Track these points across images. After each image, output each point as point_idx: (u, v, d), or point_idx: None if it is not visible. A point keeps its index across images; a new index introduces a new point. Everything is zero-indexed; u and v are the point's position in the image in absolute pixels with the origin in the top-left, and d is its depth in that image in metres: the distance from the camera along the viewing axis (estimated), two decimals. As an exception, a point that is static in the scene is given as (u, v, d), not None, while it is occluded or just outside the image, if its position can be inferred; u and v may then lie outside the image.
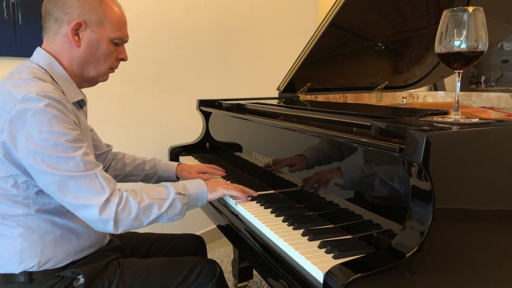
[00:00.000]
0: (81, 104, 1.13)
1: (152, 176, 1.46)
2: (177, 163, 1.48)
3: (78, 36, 1.04)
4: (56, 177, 0.91)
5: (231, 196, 1.20)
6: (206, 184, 1.15)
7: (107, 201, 0.94)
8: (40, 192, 0.99)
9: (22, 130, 0.90)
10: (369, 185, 0.91)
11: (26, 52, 1.04)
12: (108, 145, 1.41)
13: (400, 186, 0.83)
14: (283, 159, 1.25)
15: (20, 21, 1.72)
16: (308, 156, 1.14)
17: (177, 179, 1.48)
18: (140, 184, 1.49)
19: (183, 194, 1.08)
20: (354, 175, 0.96)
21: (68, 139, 0.92)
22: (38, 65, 1.03)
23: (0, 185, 0.97)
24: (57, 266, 1.02)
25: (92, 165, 0.95)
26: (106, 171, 1.39)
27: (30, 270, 1.00)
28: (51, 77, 1.02)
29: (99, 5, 1.04)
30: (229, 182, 1.30)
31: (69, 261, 1.04)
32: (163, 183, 1.29)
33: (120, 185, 1.51)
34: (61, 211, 1.03)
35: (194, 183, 1.14)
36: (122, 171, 1.42)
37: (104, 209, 0.93)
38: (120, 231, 0.97)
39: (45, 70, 1.03)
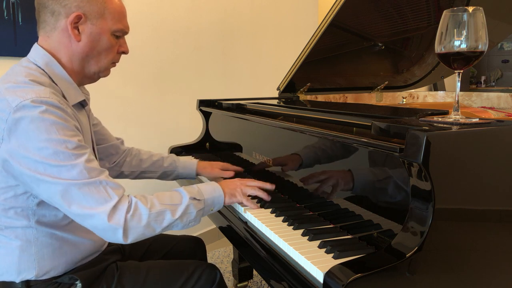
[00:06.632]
0: (82, 104, 1.07)
1: (170, 173, 1.41)
2: (197, 160, 1.45)
3: (78, 30, 0.97)
4: (59, 186, 0.86)
5: (241, 204, 1.13)
6: (223, 188, 1.09)
7: (114, 208, 0.88)
8: (41, 203, 0.95)
9: (20, 140, 0.85)
10: (369, 185, 0.91)
11: (26, 52, 1.03)
12: (118, 138, 1.37)
13: (400, 186, 0.83)
14: (282, 159, 1.25)
15: (20, 21, 1.72)
16: (305, 156, 1.14)
17: (196, 176, 1.44)
18: (157, 181, 1.46)
19: (198, 200, 1.02)
20: (352, 175, 0.96)
21: (69, 147, 0.87)
22: (36, 65, 0.97)
23: (0, 196, 0.94)
24: (55, 276, 1.00)
25: (96, 172, 0.90)
26: (120, 167, 1.36)
27: (28, 279, 0.98)
28: (49, 78, 0.96)
29: None
30: (244, 180, 1.17)
31: (67, 270, 1.02)
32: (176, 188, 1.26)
33: (134, 182, 1.47)
34: (61, 224, 1.00)
35: (209, 187, 1.07)
36: (139, 167, 1.38)
37: (112, 216, 0.87)
38: (130, 240, 0.91)
39: (43, 70, 0.97)
